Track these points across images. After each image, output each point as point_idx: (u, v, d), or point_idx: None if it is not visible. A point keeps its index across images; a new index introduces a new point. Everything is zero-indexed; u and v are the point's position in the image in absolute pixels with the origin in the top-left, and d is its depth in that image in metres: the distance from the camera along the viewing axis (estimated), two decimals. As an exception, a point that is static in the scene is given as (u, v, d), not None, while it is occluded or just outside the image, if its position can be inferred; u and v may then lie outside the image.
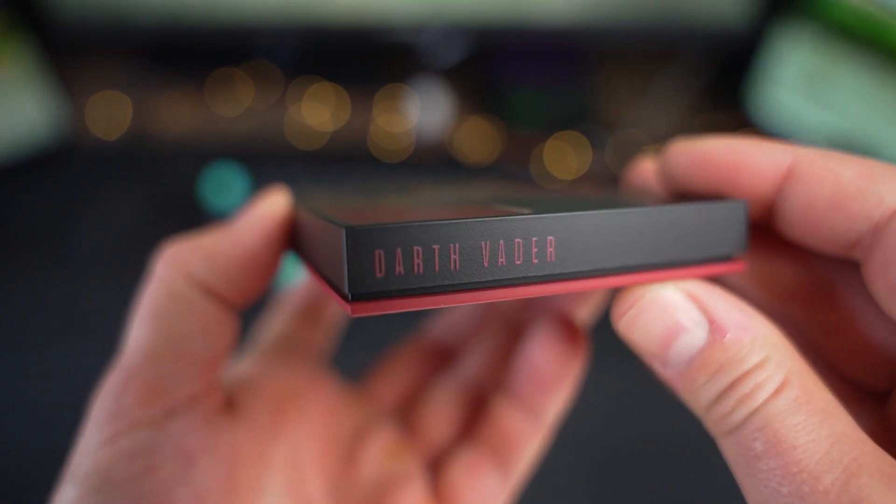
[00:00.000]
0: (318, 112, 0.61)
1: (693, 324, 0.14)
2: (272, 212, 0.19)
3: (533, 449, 0.21)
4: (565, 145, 0.60)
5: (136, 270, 0.51)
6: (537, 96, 0.63)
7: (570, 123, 0.61)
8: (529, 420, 0.21)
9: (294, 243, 0.19)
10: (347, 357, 0.30)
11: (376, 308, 0.13)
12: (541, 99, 0.62)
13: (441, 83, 0.63)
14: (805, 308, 0.18)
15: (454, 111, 0.62)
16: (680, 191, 0.18)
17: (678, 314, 0.15)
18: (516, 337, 0.22)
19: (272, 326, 0.23)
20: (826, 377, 0.17)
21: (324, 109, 0.61)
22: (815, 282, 0.17)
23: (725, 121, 0.62)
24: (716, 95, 0.63)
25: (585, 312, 0.22)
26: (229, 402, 0.19)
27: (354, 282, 0.13)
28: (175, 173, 0.57)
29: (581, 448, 0.36)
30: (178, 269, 0.18)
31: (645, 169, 0.20)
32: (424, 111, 0.62)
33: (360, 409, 0.23)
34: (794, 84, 0.57)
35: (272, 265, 0.19)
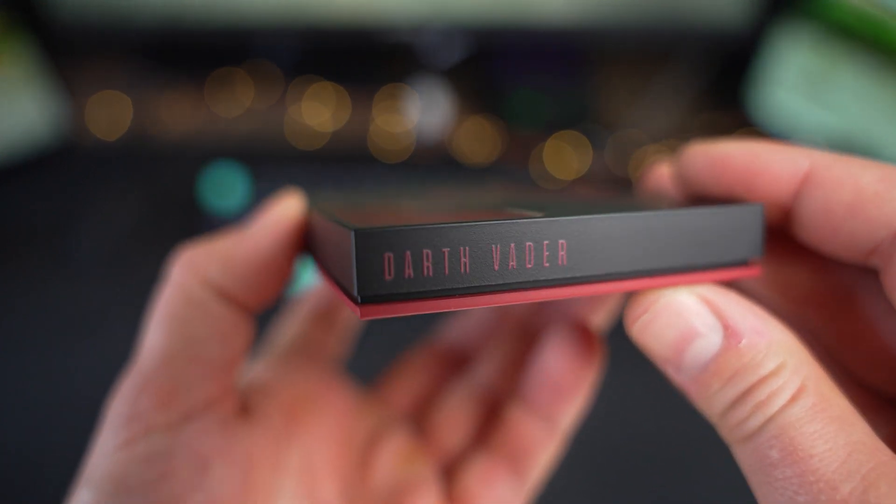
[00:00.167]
0: (318, 112, 0.61)
1: (708, 329, 0.14)
2: (286, 215, 0.19)
3: (548, 456, 0.21)
4: (565, 145, 0.60)
5: (136, 270, 0.51)
6: (537, 96, 0.63)
7: (570, 123, 0.61)
8: (544, 427, 0.21)
9: (308, 247, 0.19)
10: (360, 360, 0.30)
11: (385, 311, 0.13)
12: (541, 99, 0.62)
13: (441, 83, 0.63)
14: (822, 314, 0.17)
15: (454, 111, 0.62)
16: (695, 194, 0.18)
17: (693, 319, 0.14)
18: (531, 342, 0.22)
19: (286, 330, 0.23)
20: (842, 384, 0.16)
21: (324, 109, 0.61)
22: (832, 288, 0.17)
23: (725, 121, 0.62)
24: (716, 95, 0.63)
25: (600, 318, 0.22)
26: (244, 407, 0.19)
27: (363, 284, 0.13)
28: (175, 173, 0.57)
29: (580, 449, 0.35)
30: (194, 274, 0.18)
31: (660, 173, 0.20)
32: (424, 111, 0.62)
33: (374, 414, 0.23)
34: (794, 84, 0.57)
35: (287, 269, 0.19)
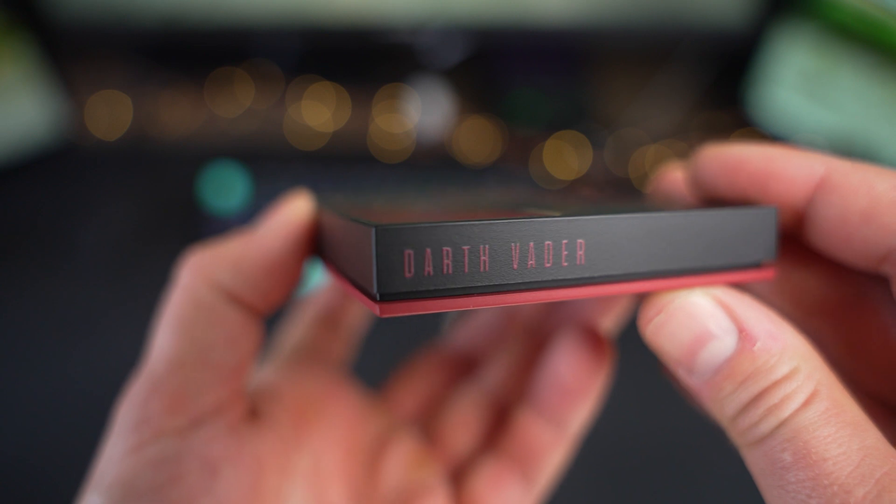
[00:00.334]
0: (318, 112, 0.61)
1: (722, 331, 0.14)
2: (296, 216, 0.18)
3: (557, 460, 0.21)
4: (565, 145, 0.60)
5: (137, 270, 0.51)
6: (537, 96, 0.63)
7: (570, 123, 0.61)
8: (553, 431, 0.20)
9: (317, 248, 0.19)
10: (367, 363, 0.30)
11: (405, 309, 0.13)
12: (541, 99, 0.62)
13: (441, 83, 0.63)
14: (829, 322, 0.17)
15: (454, 111, 0.62)
16: (709, 197, 0.18)
17: (707, 321, 0.14)
18: (539, 346, 0.22)
19: (292, 333, 0.23)
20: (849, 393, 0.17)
21: (324, 109, 0.61)
22: (841, 296, 0.17)
23: (725, 120, 0.62)
24: (716, 95, 0.63)
25: (610, 321, 0.22)
26: (252, 411, 0.19)
27: (383, 282, 0.13)
28: (175, 173, 0.57)
29: (589, 453, 0.35)
30: (203, 277, 0.18)
31: (671, 176, 0.20)
32: (424, 111, 0.62)
33: (382, 418, 0.23)
34: (794, 84, 0.57)
35: (297, 271, 0.18)
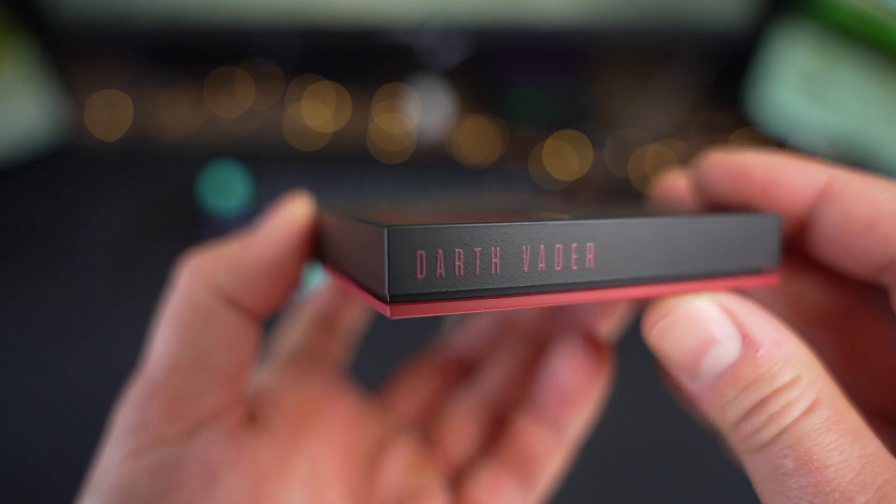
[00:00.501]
0: (319, 112, 0.61)
1: (726, 337, 0.14)
2: (295, 219, 0.18)
3: (556, 465, 0.21)
4: (565, 145, 0.60)
5: (136, 271, 0.51)
6: (537, 96, 0.63)
7: (570, 123, 0.61)
8: (552, 436, 0.20)
9: (317, 250, 0.19)
10: (364, 366, 0.30)
11: (416, 311, 0.13)
12: (541, 99, 0.62)
13: (441, 83, 0.63)
14: (829, 332, 0.18)
15: (454, 111, 0.62)
16: (711, 203, 0.18)
17: (712, 326, 0.14)
18: (538, 351, 0.22)
19: (289, 336, 0.23)
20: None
21: (324, 109, 0.61)
22: (841, 306, 0.17)
23: (725, 120, 0.62)
24: (716, 95, 0.63)
25: (609, 326, 0.22)
26: (250, 415, 0.19)
27: (395, 283, 0.13)
28: (175, 173, 0.57)
29: (589, 458, 0.35)
30: (202, 280, 0.17)
31: (673, 183, 0.20)
32: (424, 111, 0.62)
33: (380, 422, 0.23)
34: (794, 84, 0.57)
35: (296, 273, 0.18)
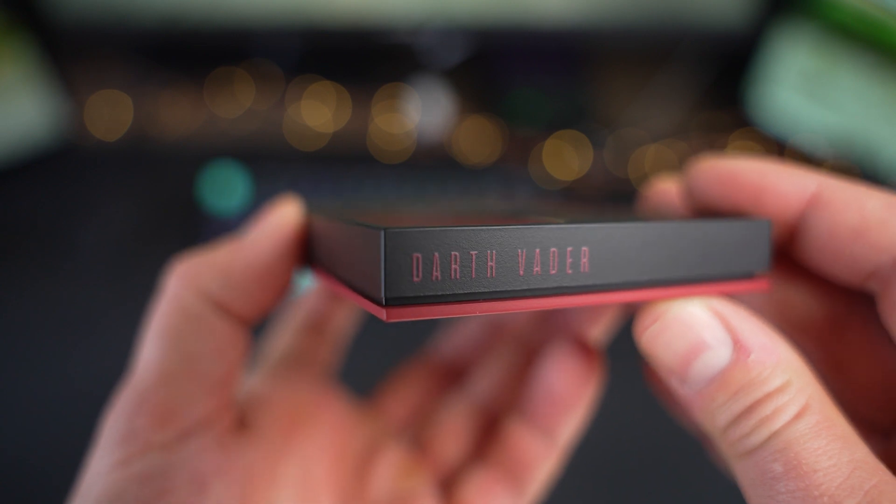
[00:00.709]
0: (319, 112, 0.61)
1: (717, 342, 0.14)
2: (285, 222, 0.18)
3: (547, 470, 0.21)
4: (565, 145, 0.60)
5: (136, 271, 0.51)
6: (537, 96, 0.63)
7: (570, 123, 0.61)
8: (543, 441, 0.20)
9: (307, 254, 0.19)
10: (355, 370, 0.30)
11: (412, 314, 0.13)
12: (541, 99, 0.62)
13: (441, 83, 0.63)
14: (816, 339, 0.18)
15: (454, 111, 0.62)
16: (700, 209, 0.19)
17: (703, 331, 0.14)
18: (529, 356, 0.22)
19: (278, 341, 0.23)
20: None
21: (324, 109, 0.61)
22: (829, 313, 0.18)
23: (725, 120, 0.62)
24: (716, 95, 0.63)
25: (599, 331, 0.22)
26: (240, 421, 0.19)
27: (391, 286, 0.13)
28: (175, 173, 0.57)
29: (580, 463, 0.35)
30: (191, 286, 0.17)
31: (663, 189, 0.20)
32: (424, 111, 0.62)
33: (371, 427, 0.23)
34: (794, 84, 0.57)
35: (286, 278, 0.18)
